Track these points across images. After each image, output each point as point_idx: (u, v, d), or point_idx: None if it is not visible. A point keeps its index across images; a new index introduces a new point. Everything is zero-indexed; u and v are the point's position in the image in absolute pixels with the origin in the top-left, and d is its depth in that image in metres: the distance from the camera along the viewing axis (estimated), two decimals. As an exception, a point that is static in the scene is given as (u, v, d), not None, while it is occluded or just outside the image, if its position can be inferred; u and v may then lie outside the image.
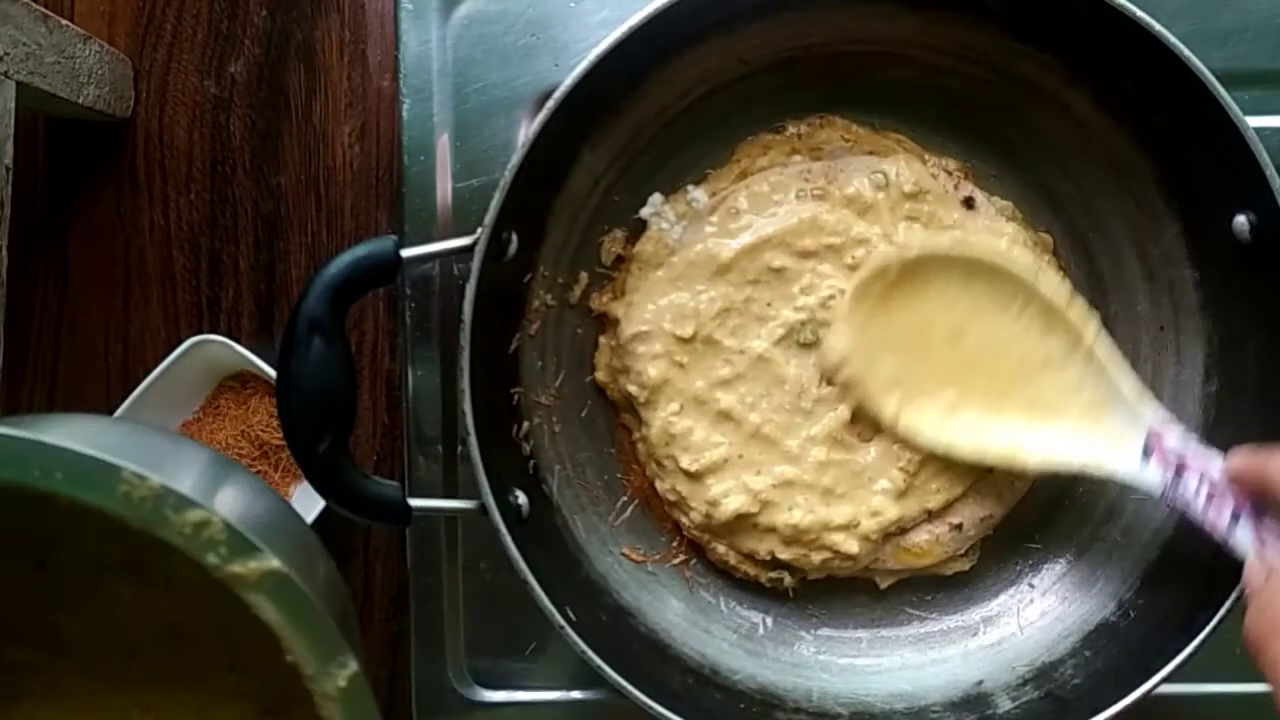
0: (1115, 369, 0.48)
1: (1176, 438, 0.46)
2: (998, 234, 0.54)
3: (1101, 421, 0.48)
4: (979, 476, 0.54)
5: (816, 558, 0.54)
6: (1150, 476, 0.47)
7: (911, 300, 0.51)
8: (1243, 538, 0.42)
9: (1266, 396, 0.50)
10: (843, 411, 0.54)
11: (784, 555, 0.55)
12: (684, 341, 0.54)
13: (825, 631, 0.57)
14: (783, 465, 0.54)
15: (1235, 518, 0.43)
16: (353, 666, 0.34)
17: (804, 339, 0.54)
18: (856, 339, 0.52)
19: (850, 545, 0.54)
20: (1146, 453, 0.46)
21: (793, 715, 0.54)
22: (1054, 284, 0.49)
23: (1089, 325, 0.48)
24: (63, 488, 0.33)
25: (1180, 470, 0.45)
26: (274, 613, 0.34)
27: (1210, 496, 0.44)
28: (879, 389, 0.52)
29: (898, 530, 0.55)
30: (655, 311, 0.54)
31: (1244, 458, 0.43)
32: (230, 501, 0.39)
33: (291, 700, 0.44)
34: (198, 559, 0.34)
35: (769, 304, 0.54)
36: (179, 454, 0.42)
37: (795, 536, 0.54)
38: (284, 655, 0.35)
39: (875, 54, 0.55)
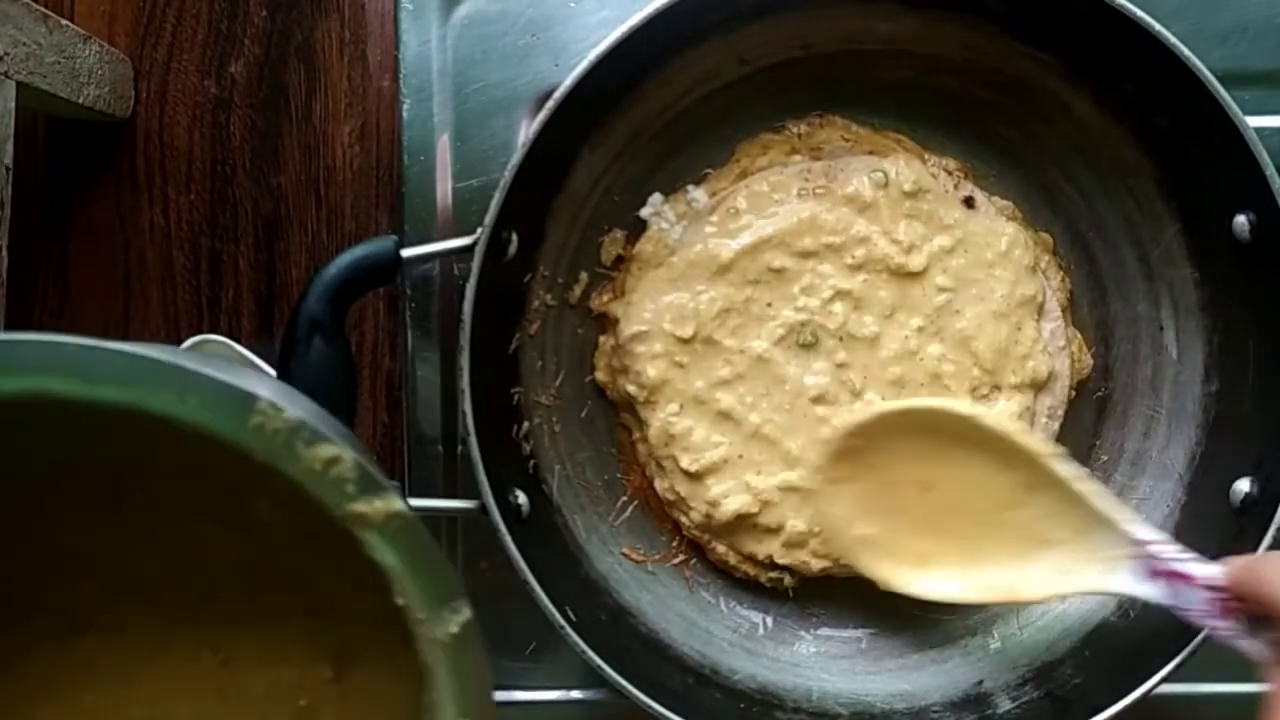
0: (1086, 489, 0.46)
1: (1168, 551, 0.44)
2: (998, 234, 0.54)
3: (1091, 543, 0.46)
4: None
5: (816, 565, 0.55)
6: (1150, 592, 0.45)
7: (879, 459, 0.50)
8: (1253, 649, 0.41)
9: (1266, 396, 0.50)
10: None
11: (784, 560, 0.55)
12: (684, 341, 0.54)
13: (825, 631, 0.57)
14: (784, 471, 0.54)
15: (1248, 628, 0.41)
16: (466, 613, 0.33)
17: (804, 340, 0.54)
18: (831, 505, 0.51)
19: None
20: (1145, 569, 0.45)
21: (792, 715, 0.54)
22: (1004, 422, 0.48)
23: (1051, 456, 0.47)
24: (195, 415, 0.31)
25: (1178, 583, 0.43)
26: (392, 555, 0.32)
27: (1219, 609, 0.42)
28: (862, 552, 0.51)
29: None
30: (655, 311, 0.54)
31: (1239, 569, 0.41)
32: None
33: (359, 649, 0.43)
34: (320, 496, 0.32)
35: (769, 304, 0.54)
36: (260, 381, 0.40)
37: (798, 541, 0.54)
38: (378, 599, 0.33)
39: (875, 54, 0.55)
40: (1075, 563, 0.47)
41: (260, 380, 0.37)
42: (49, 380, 0.31)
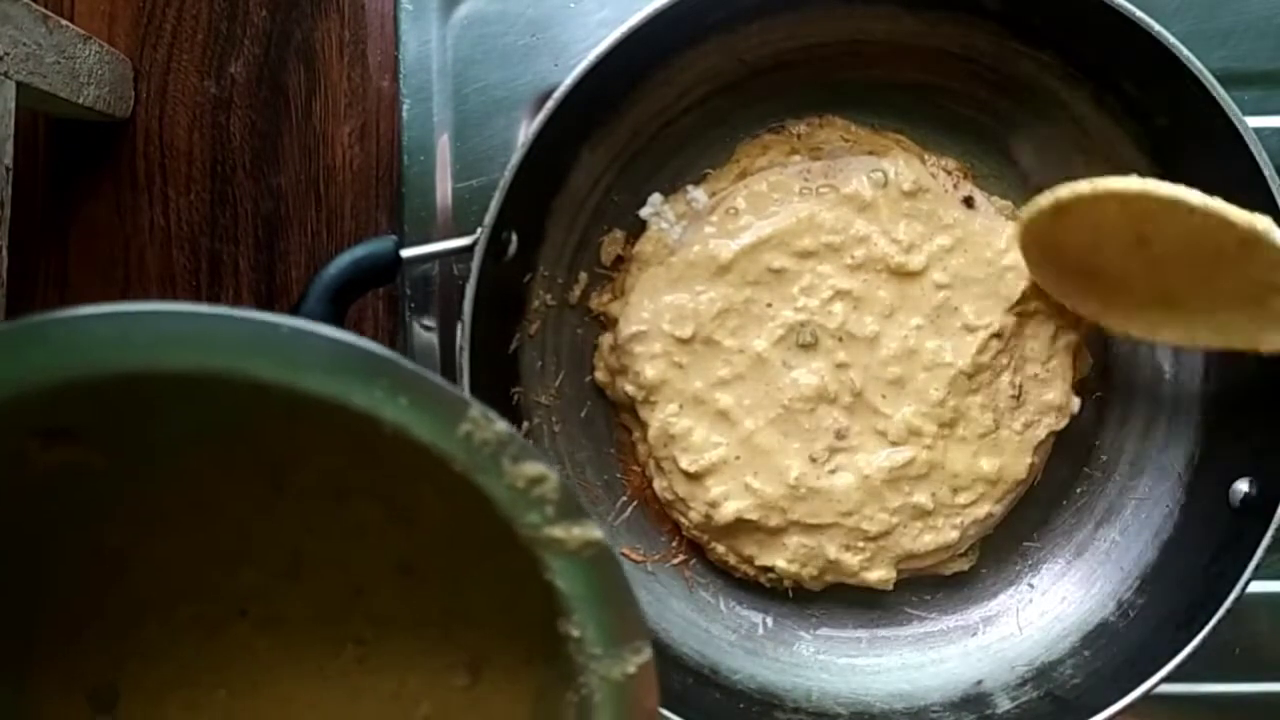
0: None
1: None
2: (998, 233, 0.54)
3: None
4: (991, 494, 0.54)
5: (817, 585, 0.55)
6: None
7: (1083, 226, 0.48)
8: None
9: (1266, 396, 0.50)
10: (841, 419, 0.54)
11: (786, 571, 0.55)
12: (683, 342, 0.54)
13: (825, 631, 0.57)
14: (781, 478, 0.54)
15: None
16: (647, 654, 0.31)
17: (803, 340, 0.54)
18: (1055, 278, 0.51)
19: (868, 575, 0.55)
20: None
21: (792, 715, 0.54)
22: (1203, 199, 0.45)
23: (1257, 230, 0.44)
24: (402, 415, 0.30)
25: None
26: (580, 584, 0.31)
27: None
28: (1095, 309, 0.51)
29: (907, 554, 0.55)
30: (654, 311, 0.54)
31: None
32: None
33: (492, 658, 0.42)
34: (516, 515, 0.31)
35: (769, 304, 0.54)
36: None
37: (801, 559, 0.54)
38: (522, 616, 0.32)
39: (875, 54, 0.55)
40: None
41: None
42: (253, 362, 0.30)
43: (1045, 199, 0.48)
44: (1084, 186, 0.47)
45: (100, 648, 0.40)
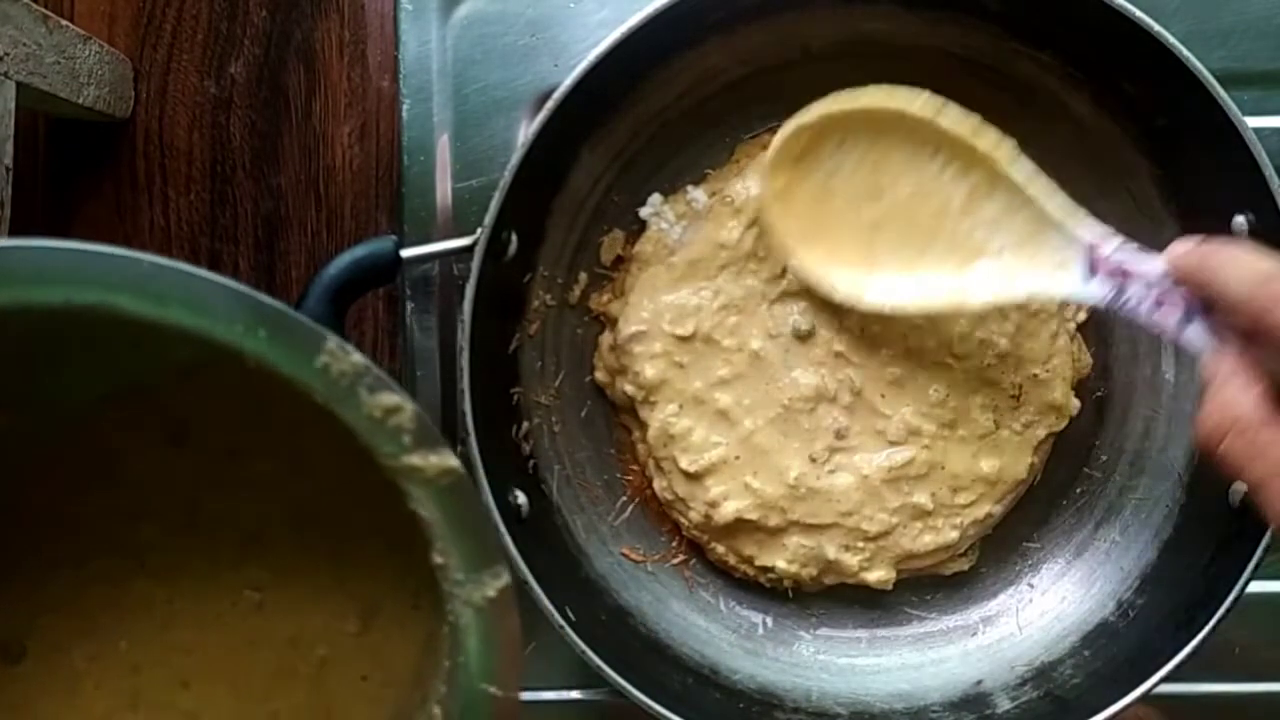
0: (1039, 191, 0.46)
1: (1115, 247, 0.45)
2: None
3: (1039, 247, 0.47)
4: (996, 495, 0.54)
5: (815, 586, 0.55)
6: (1094, 291, 0.45)
7: (828, 165, 0.51)
8: (1195, 335, 0.41)
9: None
10: (841, 419, 0.54)
11: (786, 572, 0.55)
12: (683, 341, 0.54)
13: (824, 631, 0.57)
14: (783, 489, 0.54)
15: (1186, 318, 0.41)
16: (505, 578, 0.33)
17: (800, 329, 0.53)
18: (778, 218, 0.52)
19: (867, 576, 0.55)
20: (1089, 270, 0.45)
21: (792, 715, 0.54)
22: (958, 117, 0.48)
23: (1003, 151, 0.47)
24: (262, 348, 0.31)
25: (1124, 279, 0.44)
26: (439, 511, 0.32)
27: (1158, 301, 0.42)
28: (809, 264, 0.52)
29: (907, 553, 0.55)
30: (653, 311, 0.54)
31: (1183, 253, 0.41)
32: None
33: (382, 605, 0.43)
34: (376, 445, 0.32)
35: (768, 304, 0.54)
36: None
37: (801, 560, 0.54)
38: (407, 557, 0.34)
39: (875, 54, 0.55)
40: (1020, 268, 0.48)
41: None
42: (118, 296, 0.30)
43: (797, 120, 0.50)
44: (844, 103, 0.49)
45: (12, 603, 0.42)
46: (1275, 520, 0.34)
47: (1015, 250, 0.48)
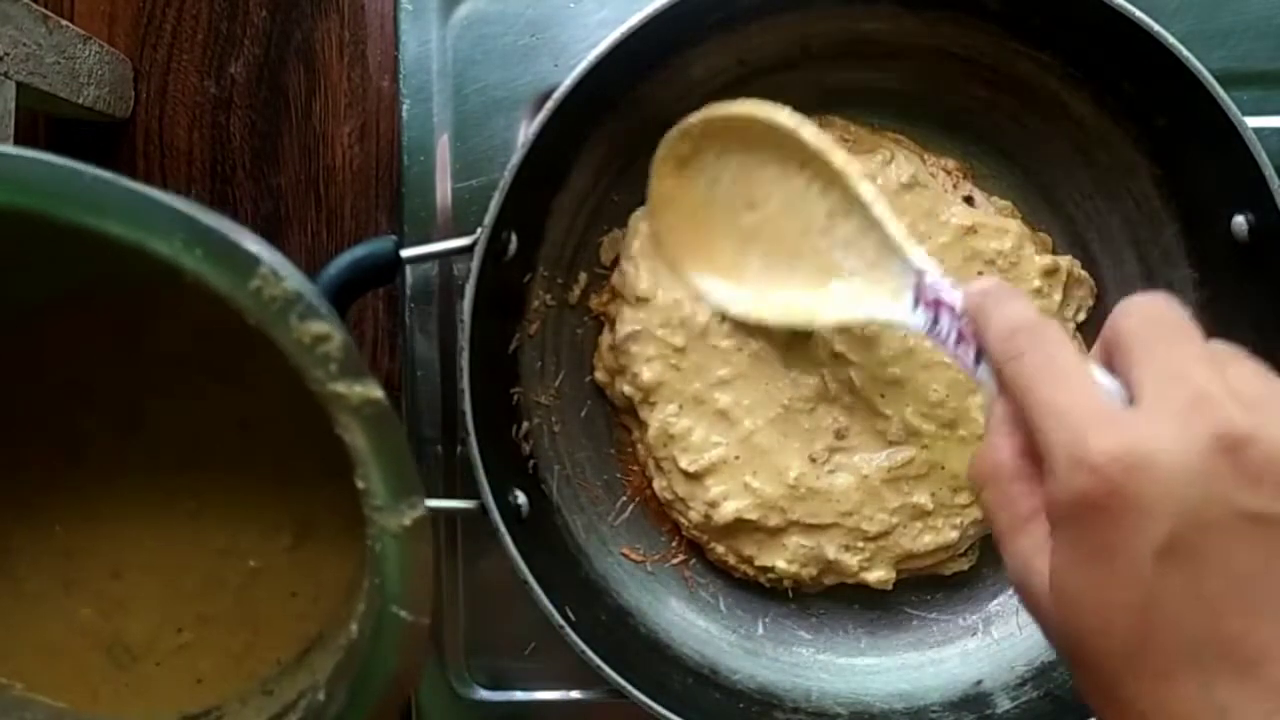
0: (882, 213, 0.47)
1: (931, 279, 0.45)
2: (1002, 231, 0.54)
3: (884, 272, 0.48)
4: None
5: (816, 580, 0.55)
6: (917, 320, 0.46)
7: (709, 174, 0.53)
8: (983, 375, 0.40)
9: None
10: (840, 419, 0.54)
11: (787, 572, 0.55)
12: (680, 342, 0.54)
13: (824, 631, 0.57)
14: (783, 489, 0.54)
15: (978, 357, 0.40)
16: (422, 509, 0.34)
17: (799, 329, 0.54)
18: (659, 217, 0.54)
19: (867, 576, 0.54)
20: (915, 298, 0.46)
21: (791, 715, 0.54)
22: (816, 133, 0.49)
23: (853, 169, 0.48)
24: (197, 265, 0.32)
25: (937, 310, 0.44)
26: (363, 439, 0.33)
27: (959, 336, 0.42)
28: (682, 262, 0.54)
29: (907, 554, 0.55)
30: (650, 310, 0.54)
31: (973, 291, 0.40)
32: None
33: (318, 525, 0.46)
34: (305, 369, 0.33)
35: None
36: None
37: (802, 560, 0.54)
38: (343, 482, 0.34)
39: (875, 54, 0.55)
40: (867, 291, 0.49)
41: (272, 253, 0.38)
42: (59, 205, 0.32)
43: (680, 125, 0.52)
44: (721, 109, 0.51)
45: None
46: (1010, 574, 0.34)
47: (864, 273, 0.49)
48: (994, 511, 0.35)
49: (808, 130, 0.49)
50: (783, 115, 0.50)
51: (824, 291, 0.51)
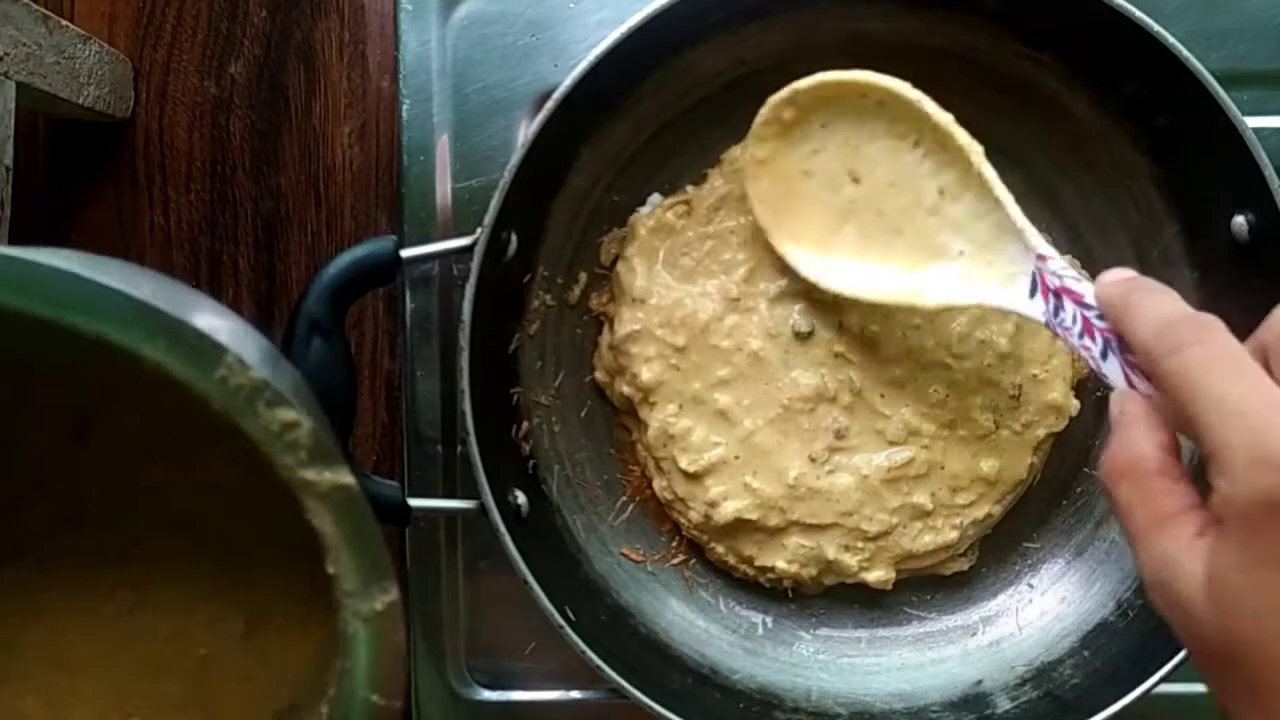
0: (1004, 199, 0.47)
1: (1056, 265, 0.45)
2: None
3: (995, 256, 0.47)
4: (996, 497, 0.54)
5: (815, 587, 0.55)
6: (1035, 308, 0.45)
7: (812, 143, 0.51)
8: (1111, 370, 0.40)
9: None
10: (841, 419, 0.54)
11: (787, 572, 0.55)
12: (679, 342, 0.54)
13: (824, 631, 0.57)
14: (783, 489, 0.54)
15: (1105, 351, 0.40)
16: (393, 594, 0.34)
17: (799, 329, 0.54)
18: (754, 183, 0.52)
19: (867, 576, 0.55)
20: (1033, 285, 0.45)
21: (791, 715, 0.54)
22: (939, 110, 0.48)
23: (974, 152, 0.48)
24: (160, 356, 0.32)
25: (1060, 300, 0.43)
26: (331, 524, 0.34)
27: (1085, 328, 0.41)
28: (773, 230, 0.53)
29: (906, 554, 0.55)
30: (649, 310, 0.54)
31: (1109, 284, 0.40)
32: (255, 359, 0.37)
33: (273, 608, 0.45)
34: (273, 456, 0.33)
35: (763, 295, 0.54)
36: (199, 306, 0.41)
37: (802, 560, 0.54)
38: (305, 565, 0.34)
39: (875, 54, 0.54)
40: (976, 275, 0.48)
41: (243, 331, 0.38)
42: (17, 298, 0.32)
43: (791, 86, 0.50)
44: (837, 75, 0.49)
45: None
46: (1144, 572, 0.33)
47: (973, 256, 0.48)
48: (1131, 508, 0.34)
49: (931, 105, 0.48)
50: (905, 88, 0.48)
51: (925, 271, 0.49)
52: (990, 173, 0.47)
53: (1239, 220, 0.49)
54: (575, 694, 0.58)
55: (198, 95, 0.60)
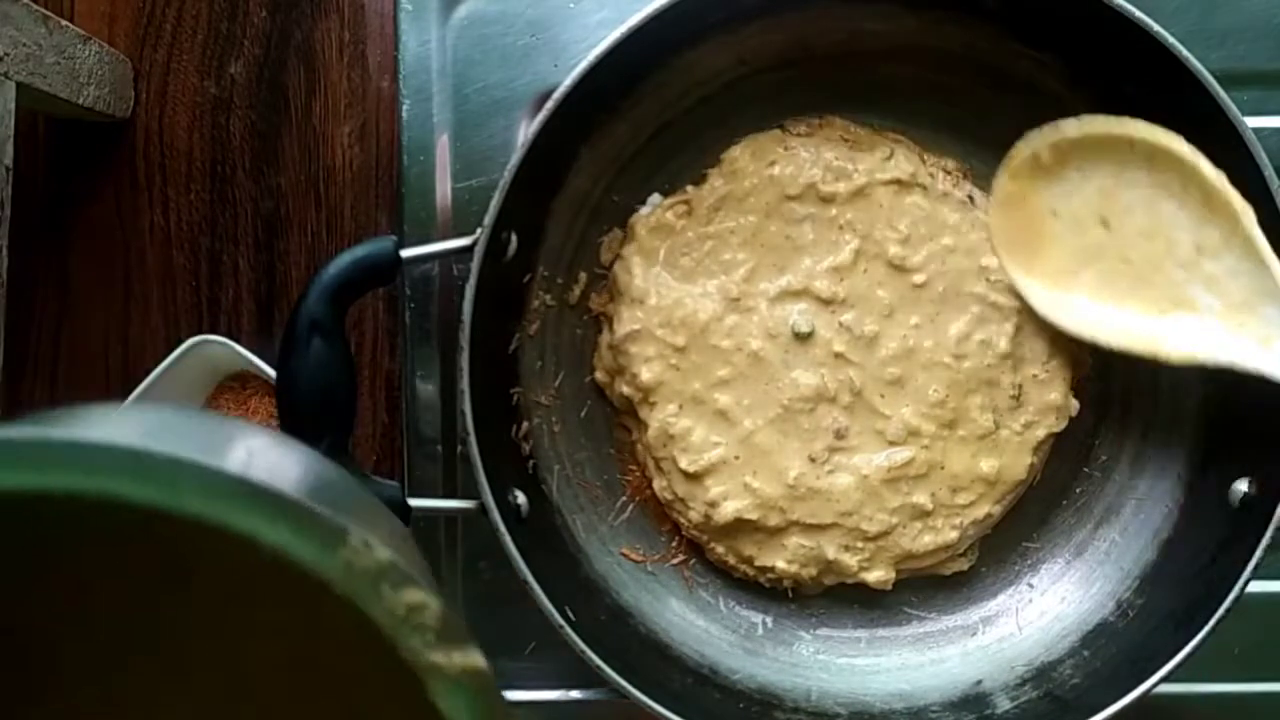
0: (1271, 264, 0.46)
1: None
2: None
3: (1249, 316, 0.47)
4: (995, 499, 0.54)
5: (815, 587, 0.55)
6: None
7: (1066, 185, 0.51)
8: None
9: (1265, 396, 0.50)
10: (840, 419, 0.54)
11: (787, 572, 0.55)
12: (679, 342, 0.54)
13: (824, 631, 0.57)
14: (783, 489, 0.54)
15: None
16: None
17: (799, 329, 0.54)
18: (1003, 209, 0.52)
19: (867, 576, 0.55)
20: None
21: (791, 715, 0.54)
22: (1214, 170, 0.48)
23: (1246, 214, 0.46)
24: (282, 539, 0.31)
25: None
26: (464, 709, 0.31)
27: None
28: (1009, 261, 0.52)
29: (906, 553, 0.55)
30: (648, 310, 0.54)
31: None
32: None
33: None
34: (399, 640, 0.31)
35: (767, 301, 0.54)
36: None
37: (802, 560, 0.54)
38: None
39: (875, 54, 0.55)
40: (1225, 332, 0.47)
41: (361, 498, 0.36)
42: (133, 487, 0.30)
43: (1057, 133, 0.50)
44: (1107, 126, 0.49)
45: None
46: None
47: (1224, 314, 0.48)
48: None
49: (1206, 164, 0.47)
50: (1180, 143, 0.48)
51: (1167, 321, 0.49)
52: (1260, 237, 0.46)
53: (1239, 220, 0.49)
54: (575, 694, 0.58)
55: (198, 95, 0.60)
